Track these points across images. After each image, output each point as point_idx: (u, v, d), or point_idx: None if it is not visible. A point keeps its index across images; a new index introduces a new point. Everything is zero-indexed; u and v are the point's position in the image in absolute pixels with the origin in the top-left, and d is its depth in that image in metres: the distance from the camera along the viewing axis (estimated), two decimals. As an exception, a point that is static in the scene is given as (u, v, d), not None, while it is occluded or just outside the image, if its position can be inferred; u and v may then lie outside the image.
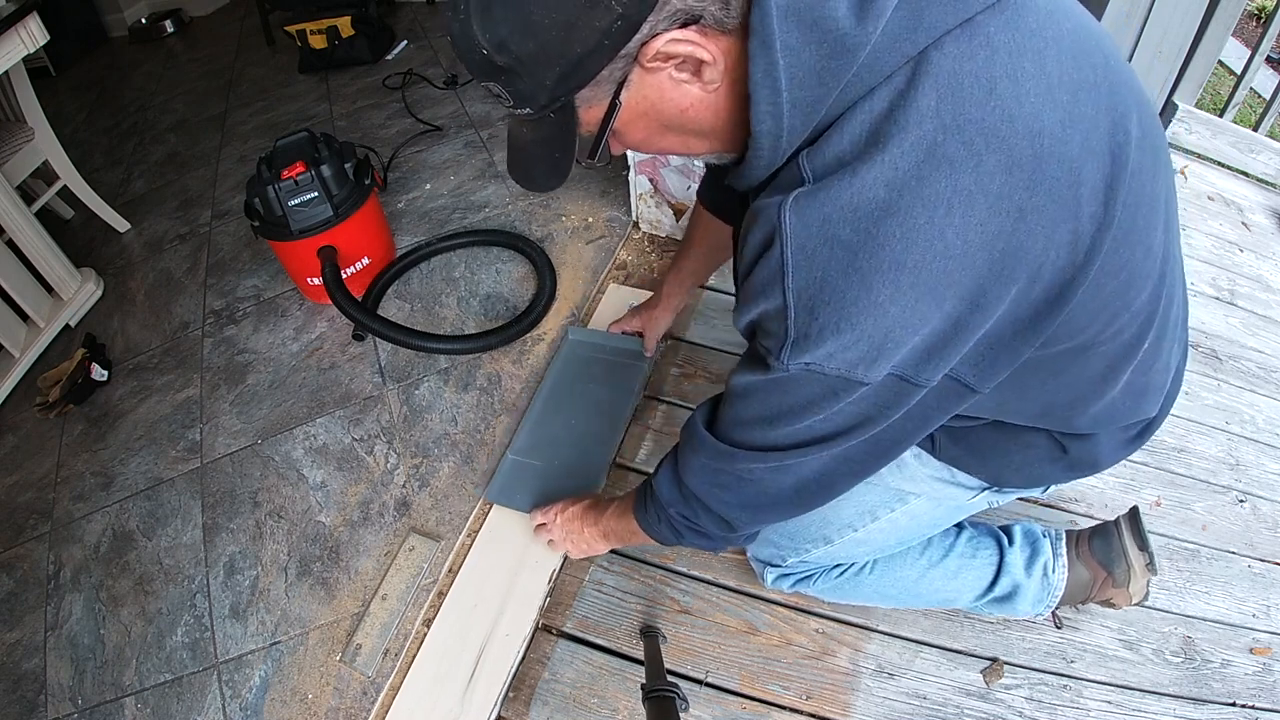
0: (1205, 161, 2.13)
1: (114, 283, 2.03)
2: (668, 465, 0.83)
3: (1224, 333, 1.64)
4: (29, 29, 1.70)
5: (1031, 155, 0.50)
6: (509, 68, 0.53)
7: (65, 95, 3.16)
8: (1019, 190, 0.50)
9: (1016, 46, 0.50)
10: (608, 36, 0.50)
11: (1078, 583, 1.04)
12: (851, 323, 0.52)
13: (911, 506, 0.93)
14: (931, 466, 0.87)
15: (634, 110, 0.57)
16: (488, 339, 1.51)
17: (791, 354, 0.55)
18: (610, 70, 0.53)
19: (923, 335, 0.54)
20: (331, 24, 2.67)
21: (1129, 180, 0.54)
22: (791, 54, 0.50)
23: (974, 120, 0.49)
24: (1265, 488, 1.35)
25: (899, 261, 0.50)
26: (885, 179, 0.49)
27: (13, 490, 1.58)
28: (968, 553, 1.04)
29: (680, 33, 0.51)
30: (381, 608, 1.20)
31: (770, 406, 0.63)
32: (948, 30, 0.50)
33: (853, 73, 0.50)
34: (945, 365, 0.57)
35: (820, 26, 0.49)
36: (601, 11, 0.49)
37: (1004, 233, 0.50)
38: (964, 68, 0.49)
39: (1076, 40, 0.54)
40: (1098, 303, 0.59)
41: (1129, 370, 0.70)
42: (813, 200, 0.51)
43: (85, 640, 1.29)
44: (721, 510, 0.77)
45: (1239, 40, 3.49)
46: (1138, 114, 0.57)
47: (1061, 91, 0.51)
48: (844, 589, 1.06)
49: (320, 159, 1.56)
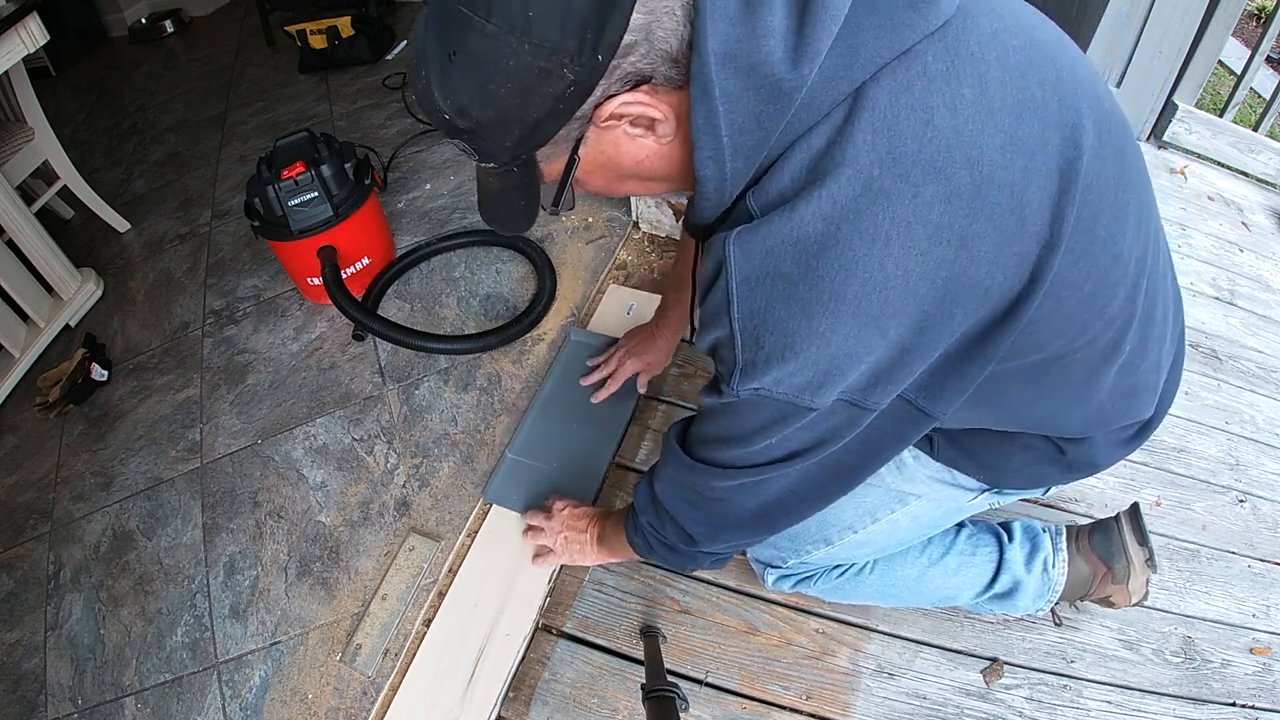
0: (1205, 161, 2.13)
1: (114, 283, 2.03)
2: (648, 475, 0.86)
3: (1224, 333, 1.64)
4: (29, 29, 1.70)
5: (970, 183, 0.51)
6: (470, 130, 0.55)
7: (65, 95, 3.15)
8: (959, 219, 0.51)
9: (955, 73, 0.51)
10: (561, 101, 0.52)
11: (1078, 578, 1.04)
12: (795, 351, 0.54)
13: (912, 508, 0.93)
14: (931, 468, 0.88)
15: (592, 163, 0.59)
16: (488, 339, 1.51)
17: (741, 380, 0.57)
18: (567, 130, 0.55)
19: (869, 362, 0.55)
20: (331, 24, 2.67)
21: (1081, 195, 0.55)
22: (730, 101, 0.51)
23: (910, 153, 0.50)
24: (1265, 488, 1.35)
25: (838, 293, 0.51)
26: (823, 213, 0.51)
27: (13, 490, 1.58)
28: (968, 550, 1.04)
29: (631, 95, 0.53)
30: (381, 608, 1.20)
31: (725, 427, 0.66)
32: (885, 63, 0.51)
33: (790, 114, 0.51)
34: (894, 389, 0.59)
35: (757, 72, 0.50)
36: (555, 80, 0.51)
37: (946, 261, 0.52)
38: (900, 100, 0.50)
39: (1025, 57, 0.55)
40: (1062, 315, 0.60)
41: (1112, 374, 0.70)
42: (755, 234, 0.53)
43: (85, 640, 1.29)
44: (685, 524, 0.80)
45: (1239, 40, 3.49)
46: (1095, 124, 0.57)
47: (1004, 115, 0.52)
48: (844, 589, 1.06)
49: (320, 159, 1.56)
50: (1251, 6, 3.72)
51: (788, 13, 0.50)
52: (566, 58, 0.50)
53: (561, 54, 0.50)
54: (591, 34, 0.49)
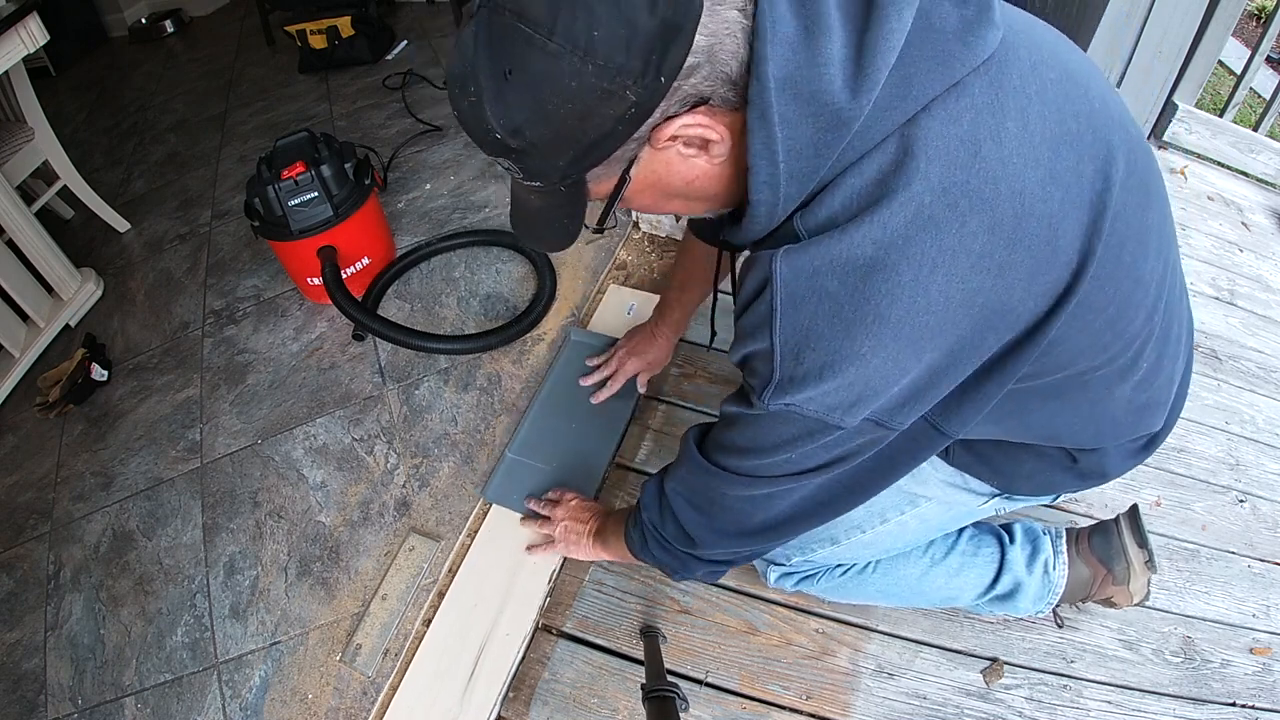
0: (1205, 161, 2.13)
1: (114, 283, 2.03)
2: (658, 475, 0.86)
3: (1224, 333, 1.64)
4: (29, 29, 1.70)
5: (1013, 215, 0.52)
6: (521, 149, 0.53)
7: (65, 95, 3.16)
8: (1000, 249, 0.52)
9: (1000, 106, 0.52)
10: (621, 122, 0.52)
11: (1078, 580, 1.05)
12: (834, 370, 0.54)
13: (922, 510, 0.94)
14: (944, 472, 0.88)
15: (642, 183, 0.59)
16: (488, 339, 1.51)
17: (774, 394, 0.57)
18: (623, 151, 0.54)
19: (902, 385, 0.56)
20: (331, 24, 2.67)
21: (1110, 224, 0.57)
22: (789, 126, 0.51)
23: (959, 183, 0.51)
24: (1265, 488, 1.35)
25: (883, 316, 0.52)
26: (874, 238, 0.51)
27: (13, 490, 1.58)
28: (969, 551, 1.04)
29: (691, 117, 0.53)
30: (381, 608, 1.20)
31: (749, 438, 0.66)
32: (935, 96, 0.51)
33: (846, 143, 0.52)
34: (920, 411, 0.60)
35: (817, 100, 0.51)
36: (616, 101, 0.50)
37: (984, 289, 0.53)
38: (950, 131, 0.51)
39: (1061, 89, 0.56)
40: (1086, 337, 0.61)
41: (1129, 390, 0.71)
42: (804, 253, 0.54)
43: (85, 640, 1.29)
44: (688, 526, 0.80)
45: (1239, 40, 3.49)
46: (1125, 152, 0.59)
47: (1044, 148, 0.53)
48: (847, 588, 1.07)
49: (320, 159, 1.56)
50: (1251, 6, 3.72)
51: (846, 41, 0.51)
52: (630, 79, 0.49)
53: (625, 75, 0.49)
54: (656, 56, 0.49)
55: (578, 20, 0.47)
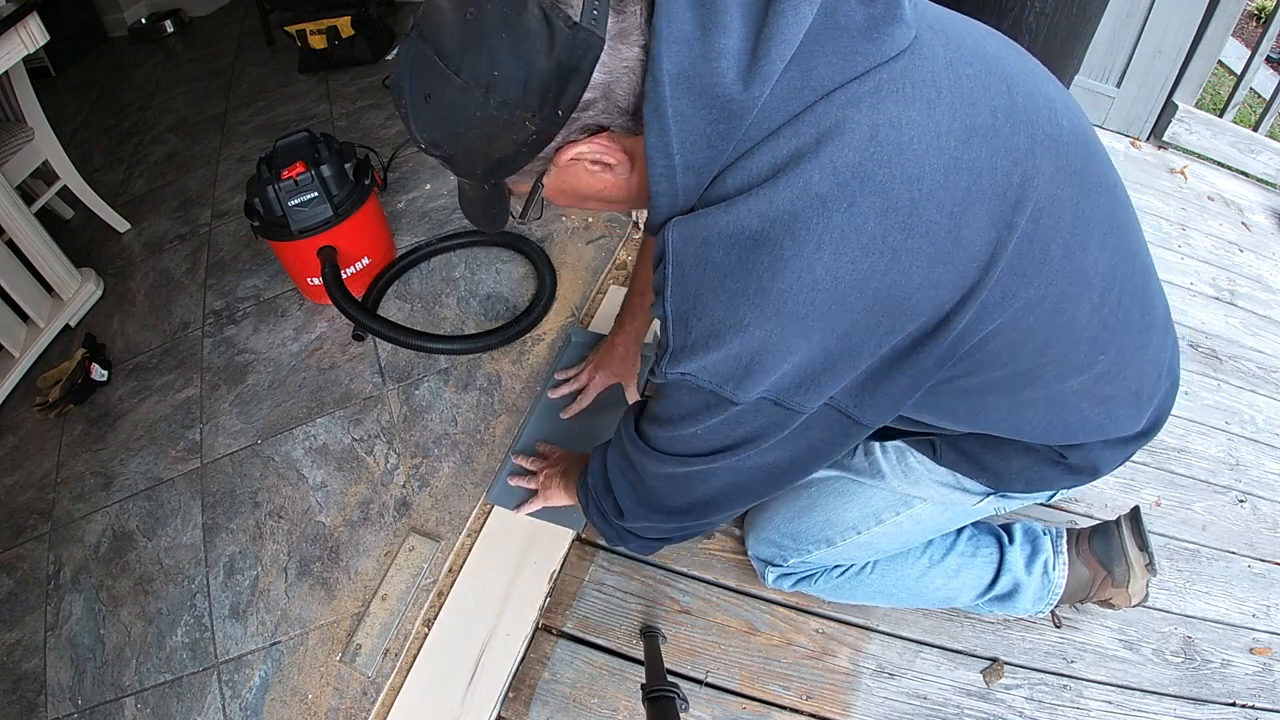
0: (1205, 161, 2.14)
1: (114, 283, 2.02)
2: (608, 442, 0.89)
3: (1224, 333, 1.64)
4: (29, 29, 1.70)
5: (909, 200, 0.53)
6: (442, 158, 0.60)
7: (65, 95, 3.15)
8: (894, 233, 0.53)
9: (905, 96, 0.53)
10: (524, 146, 0.56)
11: (1078, 581, 1.04)
12: (719, 340, 0.56)
13: (917, 511, 0.93)
14: (936, 472, 0.88)
15: (556, 189, 0.64)
16: (488, 339, 1.51)
17: (670, 363, 0.59)
18: (530, 166, 0.59)
19: (792, 362, 0.57)
20: (331, 24, 2.66)
21: (1031, 218, 0.57)
22: (682, 120, 0.53)
23: (850, 164, 0.52)
24: (1265, 488, 1.35)
25: (765, 289, 0.53)
26: (759, 211, 0.53)
27: (13, 490, 1.58)
28: (968, 551, 1.04)
29: (588, 144, 0.57)
30: (381, 608, 1.20)
31: (661, 408, 0.69)
32: (836, 87, 0.53)
33: (741, 134, 0.54)
34: (820, 394, 0.60)
35: (710, 93, 0.52)
36: (517, 129, 0.55)
37: (877, 272, 0.53)
38: (846, 114, 0.52)
39: (980, 84, 0.56)
40: (1021, 331, 0.61)
41: (1089, 386, 0.71)
42: (693, 222, 0.56)
43: (85, 640, 1.29)
44: (619, 497, 0.83)
45: (1239, 40, 3.49)
46: (1055, 147, 0.59)
47: (950, 138, 0.54)
48: (845, 589, 1.06)
49: (320, 159, 1.56)
50: (1251, 6, 3.72)
51: (744, 35, 0.52)
52: (528, 113, 0.54)
53: (524, 110, 0.54)
54: (552, 94, 0.53)
55: (481, 60, 0.52)
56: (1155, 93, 2.02)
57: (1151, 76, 1.97)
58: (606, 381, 1.34)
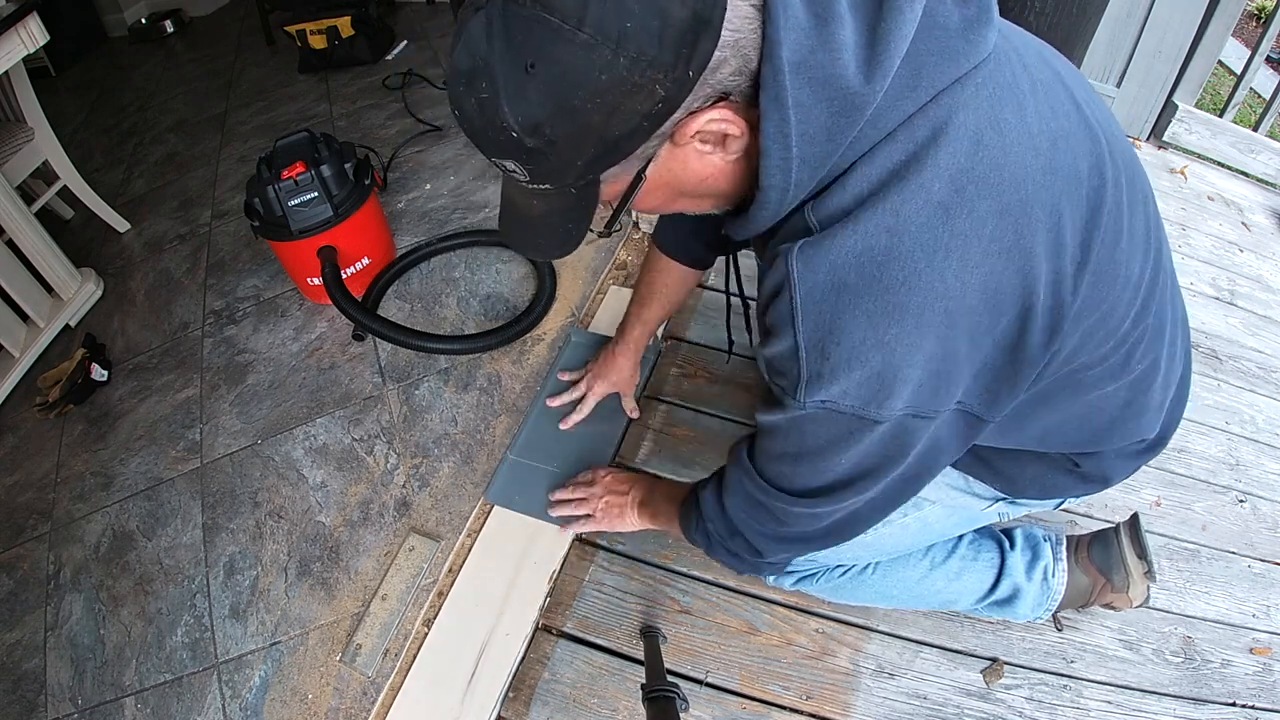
0: (1205, 161, 2.14)
1: (114, 283, 2.03)
2: (714, 482, 0.85)
3: (1224, 333, 1.64)
4: (29, 29, 1.70)
5: (1019, 201, 0.53)
6: (538, 149, 0.51)
7: (65, 95, 3.15)
8: (1008, 233, 0.53)
9: (998, 100, 0.53)
10: (647, 119, 0.50)
11: (1076, 589, 1.05)
12: (861, 361, 0.54)
13: (925, 513, 0.93)
14: (948, 475, 0.88)
15: (656, 182, 0.58)
16: (488, 339, 1.51)
17: (807, 392, 0.57)
18: (644, 149, 0.53)
19: (929, 371, 0.56)
20: (331, 24, 2.67)
21: (1105, 220, 0.58)
22: (802, 110, 0.51)
23: (965, 170, 0.52)
24: (1265, 488, 1.35)
25: (903, 304, 0.53)
26: (887, 225, 0.52)
27: (13, 490, 1.58)
28: (969, 555, 1.04)
29: (715, 111, 0.52)
30: (381, 608, 1.20)
31: (793, 444, 0.65)
32: (943, 89, 0.52)
33: (859, 130, 0.52)
34: (952, 398, 0.59)
35: (831, 84, 0.50)
36: (644, 96, 0.49)
37: (995, 273, 0.54)
38: (954, 118, 0.52)
39: (1050, 91, 0.58)
40: (1079, 336, 0.62)
41: (1122, 392, 0.72)
42: (819, 248, 0.54)
43: (85, 640, 1.29)
44: (754, 539, 0.80)
45: (1239, 40, 3.49)
46: (1112, 155, 0.60)
47: (1041, 140, 0.55)
48: (846, 589, 1.06)
49: (320, 159, 1.56)
50: (1251, 6, 3.72)
51: (857, 29, 0.51)
52: (661, 73, 0.48)
53: (656, 69, 0.47)
54: (686, 49, 0.48)
55: (608, 10, 0.46)
56: (1155, 93, 2.02)
57: (1151, 76, 1.97)
58: (605, 391, 1.33)
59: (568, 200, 0.57)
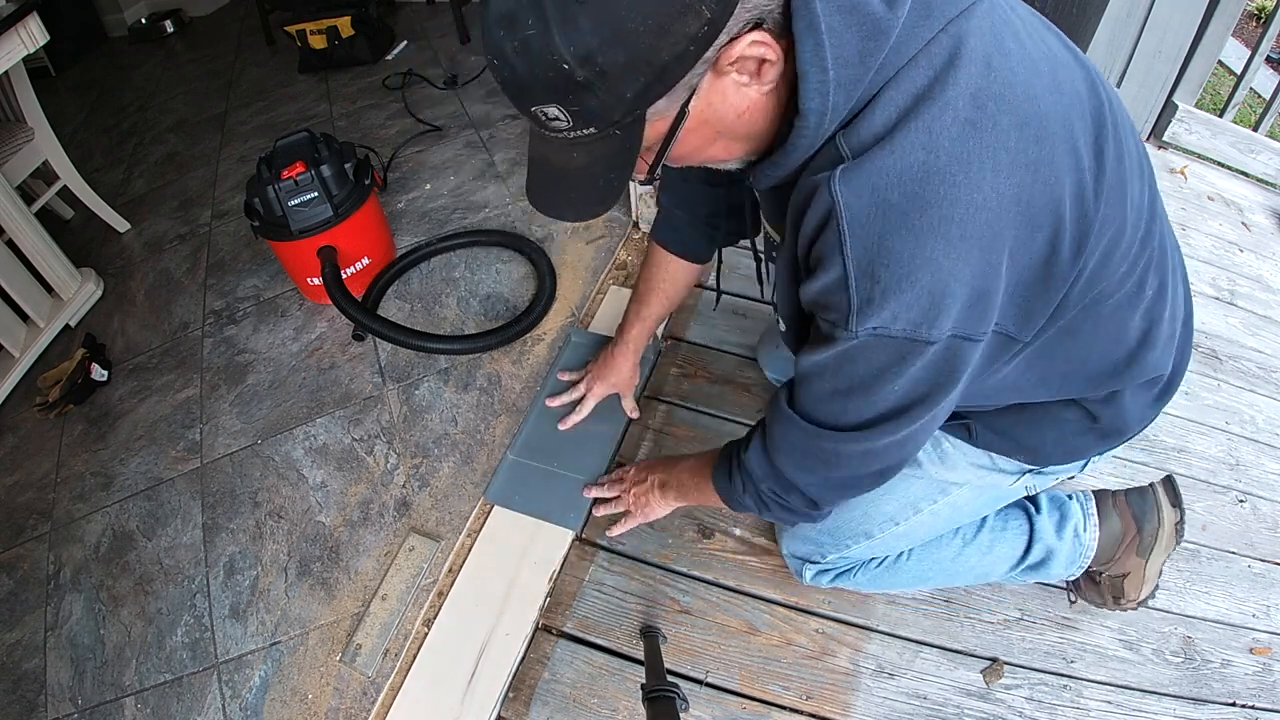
0: (1205, 161, 2.14)
1: (114, 283, 2.02)
2: (758, 440, 0.83)
3: (1224, 333, 1.64)
4: (29, 29, 1.70)
5: (1035, 114, 0.56)
6: (587, 83, 0.51)
7: (65, 95, 3.15)
8: (1030, 145, 0.55)
9: (998, 29, 0.57)
10: (694, 43, 0.51)
11: (1110, 536, 1.05)
12: (911, 280, 0.55)
13: (953, 497, 0.95)
14: (971, 455, 0.89)
15: (697, 119, 0.58)
16: (488, 339, 1.51)
17: (859, 320, 0.57)
18: (689, 77, 0.53)
19: (974, 289, 0.57)
20: (331, 24, 2.67)
21: (1110, 138, 0.61)
22: (835, 35, 0.53)
23: (982, 88, 0.55)
24: (1265, 488, 1.35)
25: (947, 217, 0.54)
26: (921, 143, 0.54)
27: (13, 490, 1.58)
28: (998, 526, 1.05)
29: (755, 34, 0.53)
30: (381, 608, 1.20)
31: (843, 378, 0.64)
32: (952, 18, 0.56)
33: (885, 55, 0.54)
34: (994, 315, 0.60)
35: (858, 10, 0.54)
36: (692, 17, 0.49)
37: (1025, 184, 0.56)
38: (968, 45, 0.55)
39: (1038, 30, 0.62)
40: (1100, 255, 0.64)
41: (1137, 318, 0.73)
42: (859, 171, 0.55)
43: (85, 640, 1.29)
44: (809, 490, 0.79)
45: (1239, 40, 3.49)
46: (1102, 83, 0.64)
47: (1042, 64, 0.58)
48: (883, 579, 1.07)
49: (320, 159, 1.56)
50: (1251, 6, 3.72)
51: None
52: None
53: None
54: None
55: None
56: (1155, 93, 2.02)
57: (1151, 76, 1.97)
58: (605, 392, 1.33)
59: (610, 145, 0.57)
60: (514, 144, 2.13)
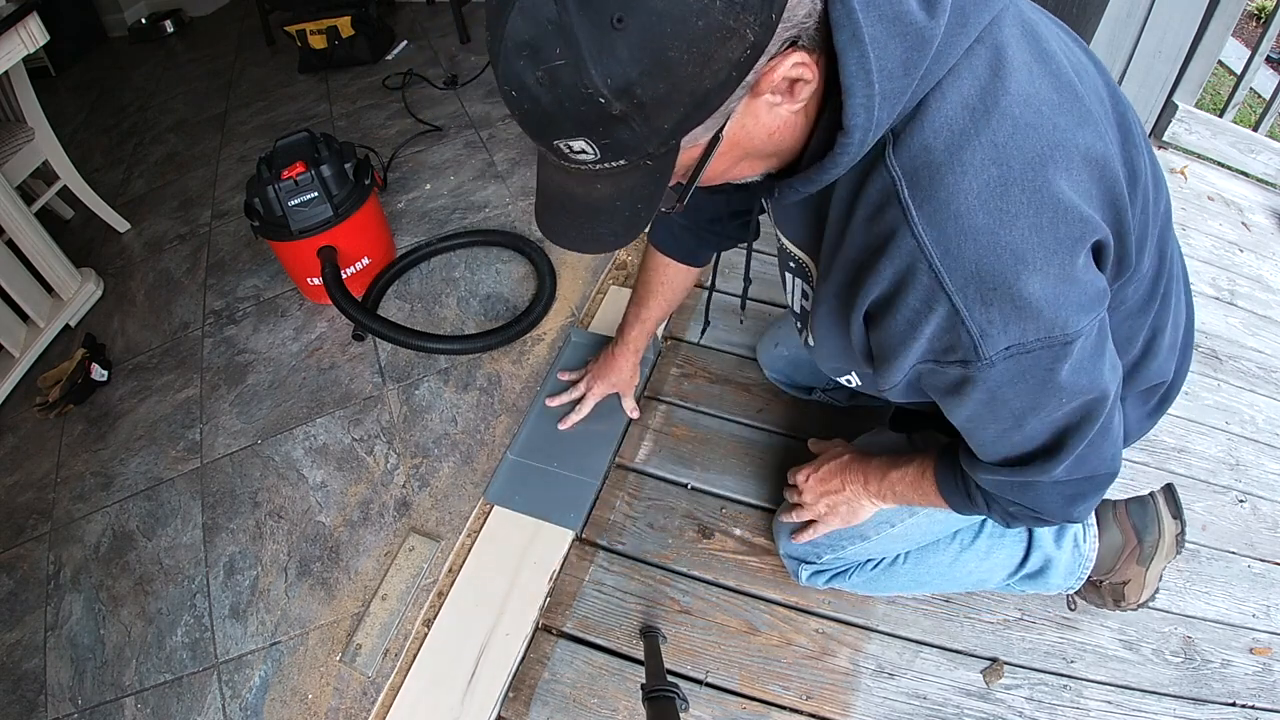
0: (1205, 161, 2.14)
1: (114, 283, 2.03)
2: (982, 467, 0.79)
3: (1224, 333, 1.64)
4: (29, 29, 1.70)
5: (1088, 112, 0.57)
6: (623, 116, 0.46)
7: (65, 95, 3.15)
8: (1095, 141, 0.57)
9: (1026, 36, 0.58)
10: (736, 69, 0.47)
11: (1110, 548, 1.05)
12: (1023, 294, 0.54)
13: None
14: None
15: (730, 142, 0.54)
16: (488, 339, 1.51)
17: (988, 346, 0.56)
18: (726, 105, 0.50)
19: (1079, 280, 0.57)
20: (331, 24, 2.67)
21: (1136, 142, 0.63)
22: (879, 46, 0.51)
23: (1032, 94, 0.55)
24: (1265, 488, 1.35)
25: (1036, 223, 0.54)
26: (991, 158, 0.53)
27: (13, 490, 1.58)
28: (996, 532, 1.05)
29: (795, 55, 0.50)
30: (381, 608, 1.20)
31: (1006, 414, 0.63)
32: (985, 25, 0.55)
33: (927, 64, 0.53)
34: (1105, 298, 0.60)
35: (900, 20, 0.51)
36: (736, 42, 0.45)
37: (1093, 178, 0.57)
38: (1007, 53, 0.55)
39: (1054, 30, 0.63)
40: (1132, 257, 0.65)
41: (1147, 325, 0.74)
42: (934, 204, 0.54)
43: (85, 640, 1.29)
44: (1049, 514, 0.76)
45: (1239, 40, 3.49)
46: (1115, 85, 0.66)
47: (1068, 73, 0.59)
48: (879, 582, 1.07)
49: (320, 159, 1.56)
50: (1251, 6, 3.72)
51: None
52: (751, 15, 0.45)
53: (749, 11, 0.44)
54: None
55: None
56: (1155, 93, 2.02)
57: (1151, 77, 1.97)
58: (605, 392, 1.33)
59: (640, 176, 0.52)
60: (514, 144, 2.13)
